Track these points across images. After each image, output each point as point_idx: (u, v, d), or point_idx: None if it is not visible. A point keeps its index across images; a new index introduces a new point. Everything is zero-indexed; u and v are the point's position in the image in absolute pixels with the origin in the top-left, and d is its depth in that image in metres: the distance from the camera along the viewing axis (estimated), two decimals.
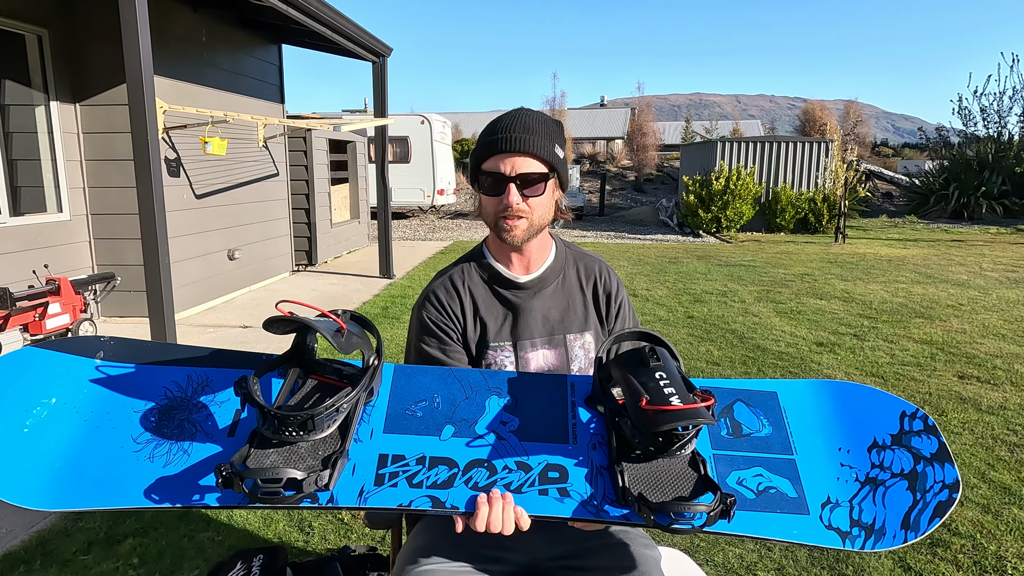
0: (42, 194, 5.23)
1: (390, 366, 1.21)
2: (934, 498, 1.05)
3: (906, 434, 1.14)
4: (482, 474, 1.06)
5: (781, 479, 1.09)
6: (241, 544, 2.35)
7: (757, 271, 8.64)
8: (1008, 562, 2.26)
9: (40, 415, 1.07)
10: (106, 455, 1.05)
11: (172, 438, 1.07)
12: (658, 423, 0.96)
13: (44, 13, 4.99)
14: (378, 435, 1.10)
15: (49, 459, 1.04)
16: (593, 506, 1.04)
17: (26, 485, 1.01)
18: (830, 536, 1.04)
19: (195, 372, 1.16)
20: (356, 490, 1.03)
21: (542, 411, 1.15)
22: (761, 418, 1.17)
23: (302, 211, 8.45)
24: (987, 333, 5.34)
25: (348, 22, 6.52)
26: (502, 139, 1.26)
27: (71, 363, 1.13)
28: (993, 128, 17.33)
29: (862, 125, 27.98)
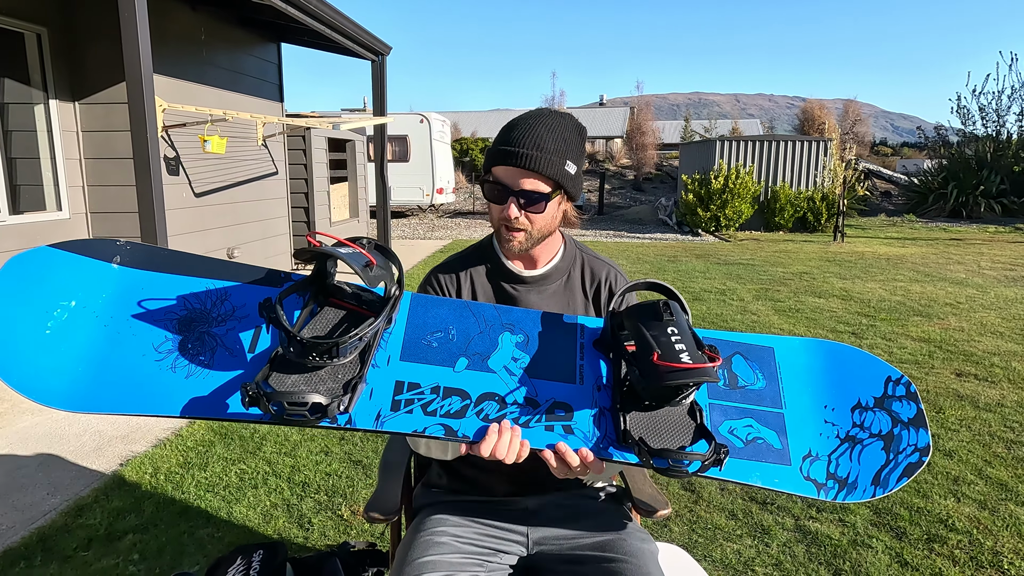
0: (41, 192, 5.23)
1: (408, 294, 1.23)
2: (905, 459, 1.13)
3: (888, 398, 1.21)
4: (493, 407, 1.12)
5: (769, 431, 1.16)
6: (241, 540, 2.35)
7: (756, 270, 8.65)
8: (1004, 557, 2.27)
9: (61, 317, 1.07)
10: (128, 362, 1.07)
11: (193, 350, 1.09)
12: (668, 378, 1.00)
13: (43, 11, 4.99)
14: (395, 362, 1.14)
15: (73, 362, 1.05)
16: (595, 444, 1.10)
17: (51, 386, 1.03)
18: (807, 486, 1.12)
19: (214, 284, 1.16)
20: (373, 414, 1.08)
21: (552, 350, 1.19)
22: (756, 371, 1.23)
23: (301, 210, 8.45)
24: (985, 331, 5.35)
25: (347, 21, 6.52)
26: (511, 152, 1.24)
27: (89, 266, 1.13)
28: (992, 127, 17.35)
29: (861, 124, 28.01)
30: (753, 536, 2.41)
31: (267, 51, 7.56)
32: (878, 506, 2.61)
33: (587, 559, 1.26)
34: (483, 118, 32.88)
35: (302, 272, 1.18)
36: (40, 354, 1.04)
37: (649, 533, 1.36)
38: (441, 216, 17.18)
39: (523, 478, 1.35)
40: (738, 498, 2.68)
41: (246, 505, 2.59)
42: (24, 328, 1.05)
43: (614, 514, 1.38)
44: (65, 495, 2.66)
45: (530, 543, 1.34)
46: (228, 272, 1.17)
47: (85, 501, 2.60)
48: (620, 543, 1.27)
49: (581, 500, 1.40)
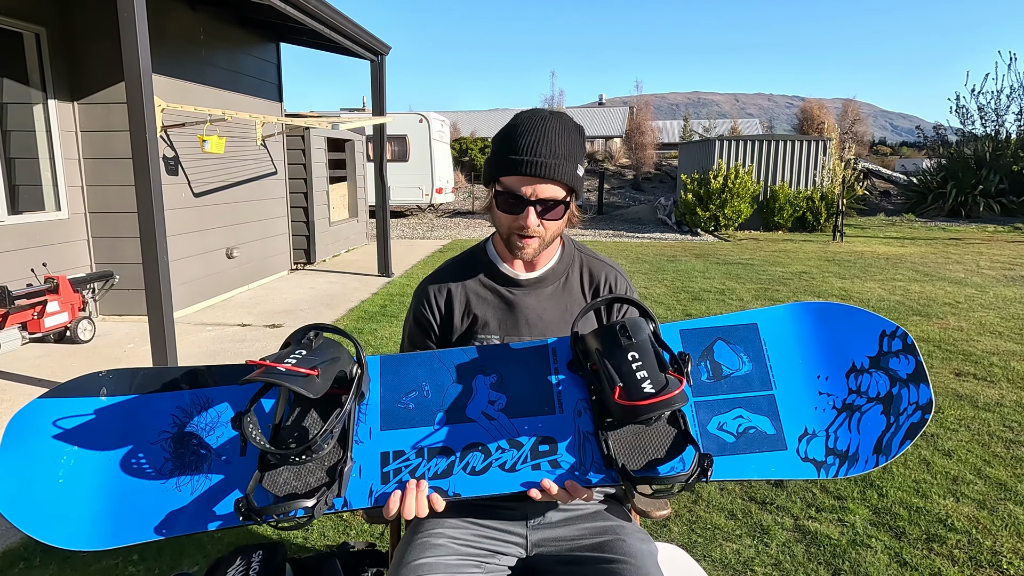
0: (40, 192, 5.23)
1: (375, 359, 1.23)
2: (907, 420, 1.09)
3: (884, 355, 1.16)
4: (477, 457, 1.13)
5: (760, 417, 1.14)
6: (240, 540, 2.35)
7: (755, 269, 8.65)
8: (1004, 557, 2.27)
9: (69, 464, 1.14)
10: (139, 490, 1.13)
11: (192, 466, 1.15)
12: (631, 417, 1.01)
13: (42, 11, 4.98)
14: (376, 433, 1.16)
15: (90, 502, 1.12)
16: (581, 473, 1.11)
17: (75, 530, 1.09)
18: (806, 468, 1.10)
19: (195, 395, 1.21)
20: (366, 491, 1.11)
21: (527, 383, 1.19)
22: (741, 355, 1.19)
23: (300, 209, 8.45)
24: (984, 331, 5.35)
25: (346, 20, 6.52)
26: (527, 162, 1.21)
27: (78, 406, 1.19)
28: (991, 127, 17.36)
29: (860, 123, 28.01)
30: (752, 536, 2.41)
31: (266, 51, 7.56)
32: (877, 506, 2.61)
33: (586, 560, 1.26)
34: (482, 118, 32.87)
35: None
36: (59, 504, 1.10)
37: (648, 533, 1.36)
38: (440, 216, 17.18)
39: None
40: (737, 498, 2.68)
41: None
42: (39, 485, 1.11)
43: (613, 515, 1.38)
44: None
45: (529, 544, 1.34)
46: (207, 377, 1.21)
47: None
48: (619, 544, 1.27)
49: (580, 502, 1.39)
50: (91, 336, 4.97)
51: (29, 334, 4.76)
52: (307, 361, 1.05)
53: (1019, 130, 17.06)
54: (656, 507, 1.42)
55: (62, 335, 4.89)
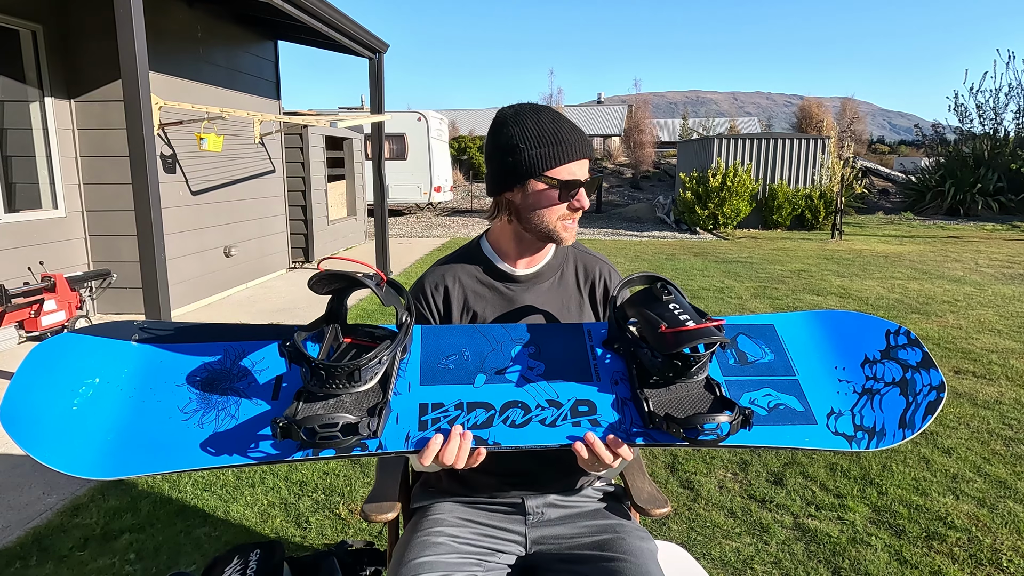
0: (37, 191, 5.21)
1: (417, 328, 1.27)
2: (924, 399, 1.17)
3: (893, 348, 1.25)
4: (518, 413, 1.14)
5: (788, 396, 1.20)
6: (238, 539, 2.34)
7: (754, 268, 8.65)
8: (1003, 555, 2.27)
9: (86, 394, 1.11)
10: (155, 426, 1.09)
11: (218, 405, 1.12)
12: (678, 343, 1.05)
13: (38, 9, 4.96)
14: (415, 387, 1.17)
15: (100, 433, 1.08)
16: (623, 431, 1.13)
17: (80, 457, 1.05)
18: (838, 440, 1.14)
19: (231, 346, 1.20)
20: (402, 436, 1.10)
21: (564, 356, 1.23)
22: (763, 346, 1.28)
23: (299, 208, 8.43)
24: (983, 329, 5.35)
25: (344, 18, 6.50)
26: (575, 145, 1.28)
27: (109, 345, 1.18)
28: (989, 125, 17.37)
29: (858, 122, 28.04)
30: (752, 534, 2.40)
31: (264, 48, 7.54)
32: (877, 504, 2.61)
33: (586, 558, 1.25)
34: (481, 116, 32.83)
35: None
36: (68, 430, 1.07)
37: (648, 531, 1.35)
38: (439, 214, 17.16)
39: (522, 478, 1.34)
40: (737, 496, 2.67)
41: (243, 504, 2.58)
42: (51, 408, 1.08)
43: (613, 513, 1.38)
44: (61, 494, 2.64)
45: (528, 543, 1.33)
46: (243, 333, 1.22)
47: (81, 500, 2.59)
48: (619, 542, 1.26)
49: (580, 499, 1.39)
50: None
51: (26, 332, 4.74)
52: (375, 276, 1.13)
53: (1017, 128, 17.07)
54: (656, 505, 1.41)
55: (59, 333, 4.87)
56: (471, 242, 1.46)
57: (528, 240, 1.36)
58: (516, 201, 1.31)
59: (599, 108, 36.01)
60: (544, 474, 1.35)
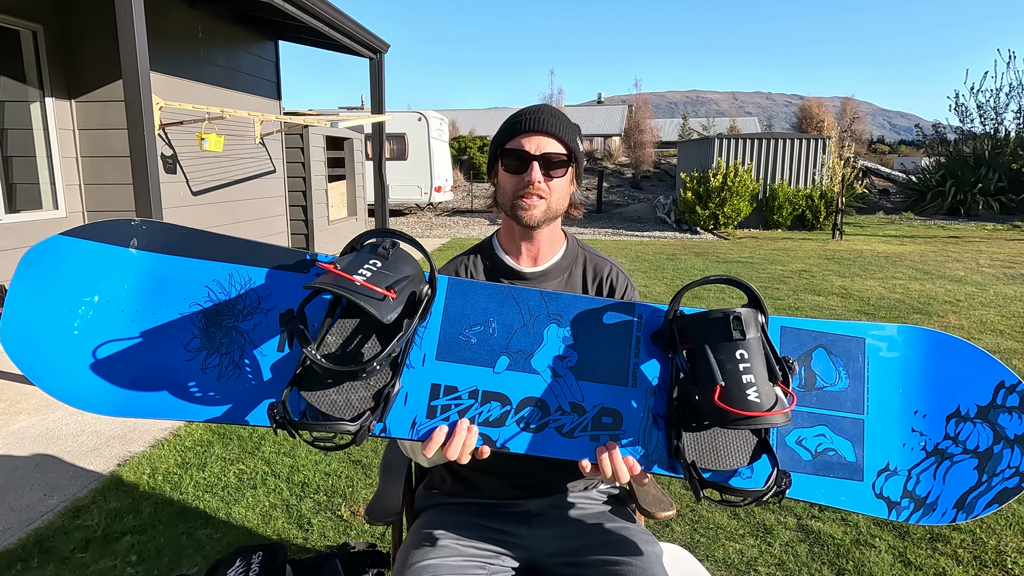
0: (38, 191, 5.20)
1: (443, 280, 1.13)
2: (1000, 483, 1.00)
3: (996, 408, 1.05)
4: (535, 414, 1.05)
5: (843, 441, 1.05)
6: (240, 541, 2.34)
7: (755, 268, 8.64)
8: (1008, 556, 2.26)
9: (87, 315, 1.06)
10: (160, 363, 1.06)
11: (222, 348, 1.07)
12: (724, 422, 0.93)
13: (39, 9, 4.96)
14: (431, 362, 1.07)
15: (106, 365, 1.05)
16: (643, 457, 1.03)
17: (90, 392, 1.03)
18: (878, 505, 1.01)
19: (236, 270, 1.10)
20: (408, 421, 1.04)
21: (603, 346, 1.09)
22: (840, 369, 1.09)
23: (299, 208, 8.42)
24: (984, 329, 5.34)
25: (345, 18, 6.50)
26: (529, 119, 1.28)
27: (106, 253, 1.09)
28: (990, 125, 17.37)
29: (859, 122, 28.03)
30: (755, 536, 2.39)
31: (264, 48, 7.53)
32: None
33: (591, 562, 1.24)
34: (481, 116, 32.84)
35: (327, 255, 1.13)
36: (73, 358, 1.03)
37: (653, 534, 1.34)
38: (439, 214, 17.16)
39: (526, 480, 1.34)
40: None
41: (245, 506, 2.57)
42: (53, 332, 1.03)
43: (617, 516, 1.37)
44: (62, 496, 2.64)
45: (532, 546, 1.32)
46: (250, 254, 1.11)
47: (82, 502, 2.58)
48: (624, 545, 1.26)
49: (584, 502, 1.38)
50: None
51: None
52: (382, 277, 0.97)
53: (1018, 128, 17.07)
54: (660, 507, 1.40)
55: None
56: (484, 240, 1.47)
57: (519, 231, 1.36)
58: (495, 185, 1.36)
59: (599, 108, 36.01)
60: (549, 477, 1.35)
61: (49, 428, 3.28)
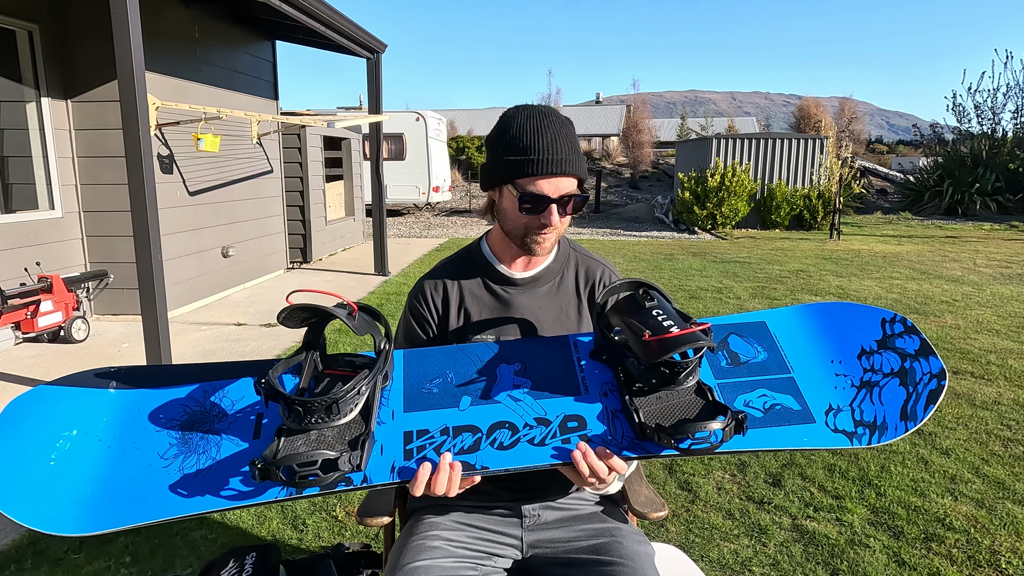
0: (34, 191, 5.19)
1: (399, 353, 1.24)
2: (924, 388, 1.12)
3: (889, 337, 1.21)
4: (505, 434, 1.11)
5: (784, 395, 1.16)
6: (234, 542, 2.33)
7: (752, 268, 8.65)
8: (1002, 556, 2.26)
9: (64, 448, 1.07)
10: (136, 475, 1.06)
11: (198, 448, 1.09)
12: (663, 350, 1.02)
13: (35, 8, 4.95)
14: (399, 415, 1.14)
15: (79, 486, 1.04)
16: (615, 445, 1.09)
17: (60, 514, 1.01)
18: (838, 438, 1.10)
19: (210, 386, 1.17)
20: (388, 466, 1.07)
21: (551, 370, 1.20)
22: (755, 345, 1.24)
23: (297, 208, 8.42)
24: (981, 329, 5.35)
25: (342, 18, 6.49)
26: (547, 160, 1.21)
27: (85, 395, 1.14)
28: (987, 125, 17.41)
29: (856, 122, 28.06)
30: (750, 536, 2.39)
31: (261, 48, 7.53)
32: (875, 505, 2.60)
33: (582, 562, 1.25)
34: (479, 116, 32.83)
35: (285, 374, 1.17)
36: (46, 486, 1.03)
37: (645, 534, 1.34)
38: (437, 214, 17.15)
39: (519, 483, 1.33)
40: (735, 498, 2.67)
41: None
42: (28, 465, 1.04)
43: (609, 517, 1.37)
44: None
45: (524, 546, 1.32)
46: (221, 372, 1.19)
47: None
48: (616, 546, 1.26)
49: (576, 503, 1.38)
50: (85, 336, 4.94)
51: (23, 334, 4.73)
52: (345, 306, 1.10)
53: (1015, 128, 17.11)
54: (653, 508, 1.40)
55: (56, 335, 4.86)
56: (472, 244, 1.45)
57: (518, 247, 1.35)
58: (496, 202, 1.33)
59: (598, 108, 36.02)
60: (541, 478, 1.35)
61: None
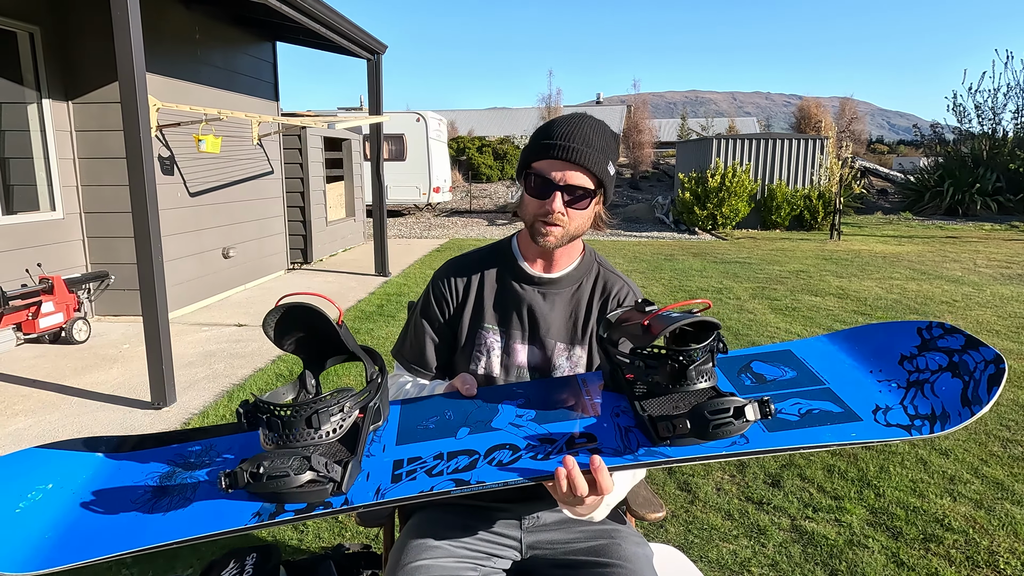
0: (35, 192, 5.20)
1: (396, 403, 1.19)
2: (982, 374, 1.00)
3: (930, 340, 1.09)
4: (505, 454, 1.02)
5: (821, 402, 1.04)
6: (234, 543, 2.34)
7: (752, 268, 8.65)
8: (1000, 557, 2.27)
9: (34, 498, 1.03)
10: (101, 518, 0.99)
11: (173, 492, 1.02)
12: (661, 325, 0.97)
13: (36, 10, 4.96)
14: (391, 448, 1.06)
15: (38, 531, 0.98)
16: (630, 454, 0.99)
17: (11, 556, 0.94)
18: (893, 431, 0.98)
19: (201, 444, 1.13)
20: (372, 490, 0.98)
21: (557, 400, 1.14)
22: (782, 367, 1.14)
23: (297, 209, 8.43)
24: (981, 329, 5.35)
25: (342, 19, 6.50)
26: (560, 146, 1.24)
27: (71, 457, 1.11)
28: (988, 125, 17.40)
29: (857, 122, 28.05)
30: (749, 536, 2.40)
31: (262, 50, 7.54)
32: (874, 506, 2.61)
33: (581, 563, 1.25)
34: (480, 116, 32.84)
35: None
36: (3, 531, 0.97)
37: (644, 535, 1.35)
38: (438, 215, 17.16)
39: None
40: (734, 498, 2.67)
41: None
42: None
43: (608, 518, 1.37)
44: None
45: (524, 547, 1.33)
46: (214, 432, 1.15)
47: None
48: (614, 547, 1.26)
49: None
50: (86, 337, 4.95)
51: (24, 335, 4.74)
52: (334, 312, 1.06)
53: (1016, 128, 17.10)
54: (651, 509, 1.41)
55: (57, 336, 4.87)
56: (505, 239, 1.48)
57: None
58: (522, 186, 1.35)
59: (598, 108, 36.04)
60: None
61: (46, 429, 3.28)
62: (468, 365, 1.39)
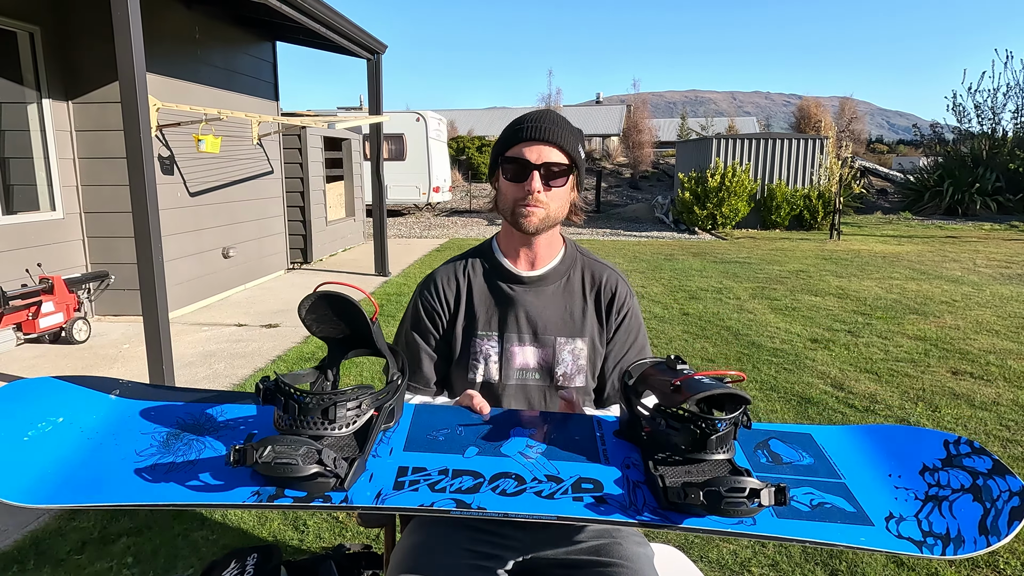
0: (35, 192, 5.20)
1: (410, 406, 1.22)
2: (1005, 505, 0.97)
3: (955, 457, 1.08)
4: (510, 483, 1.01)
5: (835, 497, 1.02)
6: (235, 543, 2.34)
7: (752, 268, 8.65)
8: (1000, 557, 2.27)
9: (43, 429, 1.06)
10: (105, 464, 1.01)
11: (178, 451, 1.03)
12: (689, 390, 0.97)
13: (36, 10, 4.96)
14: (398, 452, 1.07)
15: (43, 465, 1.00)
16: (633, 511, 0.97)
17: (14, 483, 0.97)
18: (903, 544, 0.96)
19: (211, 405, 1.15)
20: (373, 493, 0.98)
21: (569, 440, 1.13)
22: (800, 451, 1.13)
23: (297, 209, 8.43)
24: (980, 329, 5.36)
25: (342, 19, 6.50)
26: (531, 127, 1.29)
27: (84, 394, 1.13)
28: (987, 125, 17.42)
29: (857, 122, 28.05)
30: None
31: (262, 49, 7.54)
32: None
33: (582, 564, 1.25)
34: (480, 116, 32.84)
35: None
36: (9, 458, 0.99)
37: (645, 535, 1.35)
38: (438, 215, 17.16)
39: None
40: None
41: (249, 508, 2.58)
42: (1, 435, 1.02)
43: None
44: None
45: (526, 548, 1.33)
46: (227, 398, 1.17)
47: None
48: (616, 547, 1.26)
49: None
50: (86, 336, 4.95)
51: (24, 335, 4.74)
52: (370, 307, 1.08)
53: (1016, 128, 17.11)
54: None
55: (57, 336, 4.87)
56: (484, 242, 1.49)
57: (518, 236, 1.38)
58: (496, 189, 1.38)
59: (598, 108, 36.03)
60: None
61: None
62: (466, 375, 1.39)
